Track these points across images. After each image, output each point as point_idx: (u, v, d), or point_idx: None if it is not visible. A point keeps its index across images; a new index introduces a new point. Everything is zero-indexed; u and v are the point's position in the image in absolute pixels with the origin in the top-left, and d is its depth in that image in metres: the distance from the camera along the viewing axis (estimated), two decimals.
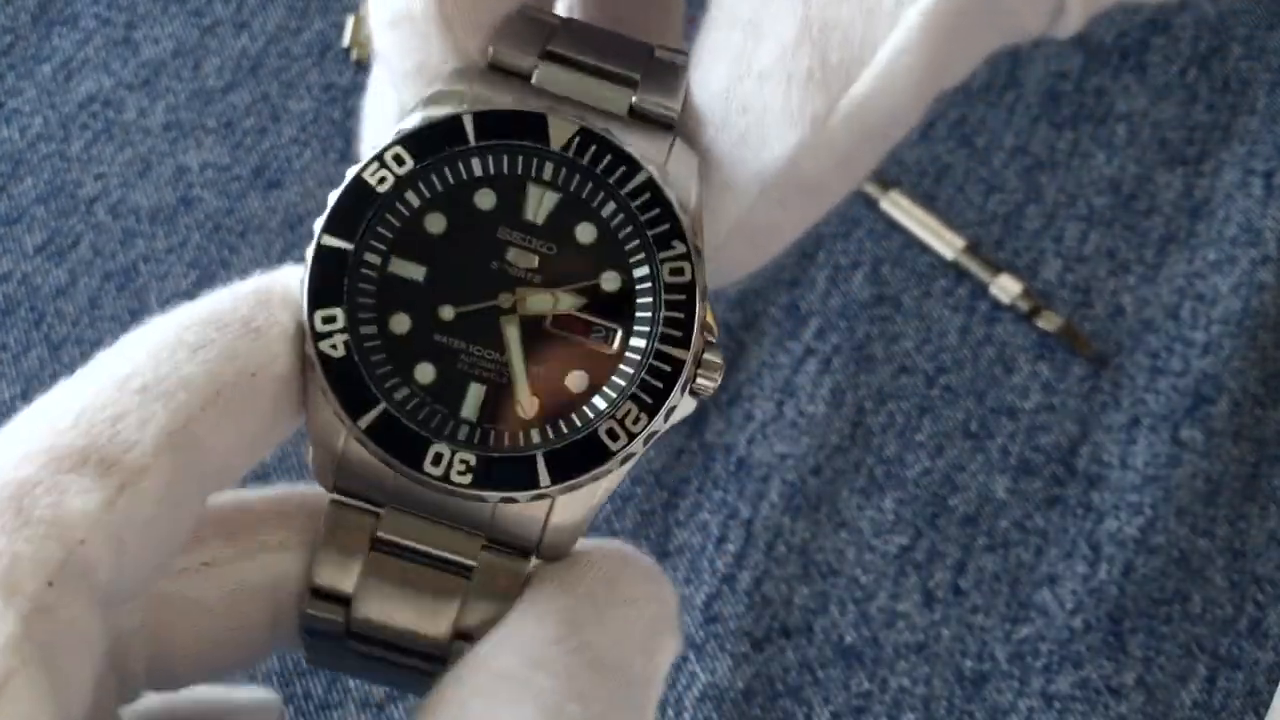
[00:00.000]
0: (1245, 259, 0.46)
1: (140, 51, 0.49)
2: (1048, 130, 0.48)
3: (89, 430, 0.19)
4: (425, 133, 0.22)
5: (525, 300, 0.22)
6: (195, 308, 0.21)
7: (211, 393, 0.20)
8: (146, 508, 0.19)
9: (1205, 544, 0.42)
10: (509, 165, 0.22)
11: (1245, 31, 0.50)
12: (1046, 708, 0.40)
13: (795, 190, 0.23)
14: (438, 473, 0.21)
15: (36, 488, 0.19)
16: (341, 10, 0.50)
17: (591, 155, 0.22)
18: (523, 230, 0.22)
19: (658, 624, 0.22)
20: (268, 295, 0.21)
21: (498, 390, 0.22)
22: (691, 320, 0.22)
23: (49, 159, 0.48)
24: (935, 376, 0.45)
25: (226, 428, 0.20)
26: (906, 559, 0.42)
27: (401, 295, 0.22)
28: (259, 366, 0.21)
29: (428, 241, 0.22)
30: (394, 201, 0.22)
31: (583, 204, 0.22)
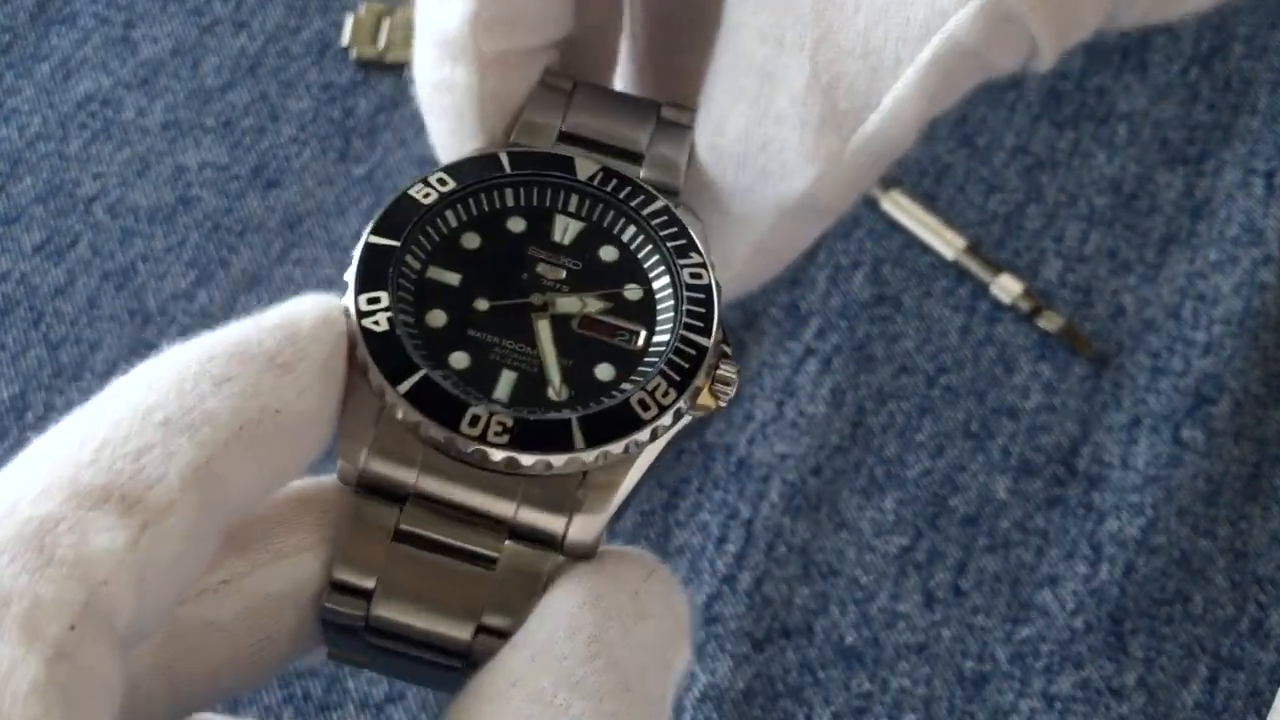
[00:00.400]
0: (1247, 259, 0.46)
1: (139, 51, 0.49)
2: (1048, 130, 0.48)
3: (111, 465, 0.19)
4: (466, 162, 0.25)
5: (555, 301, 0.24)
6: (219, 338, 0.21)
7: (235, 428, 0.20)
8: (170, 546, 0.19)
9: (1207, 544, 0.42)
10: (539, 197, 0.25)
11: (1247, 31, 0.50)
12: (1048, 708, 0.40)
13: (809, 211, 0.26)
14: (475, 433, 0.21)
15: (59, 525, 0.18)
16: (341, 9, 0.50)
17: (614, 186, 0.25)
18: (550, 249, 0.25)
19: (675, 636, 0.22)
20: (295, 328, 0.21)
21: (530, 377, 0.23)
22: (712, 314, 0.24)
23: (47, 158, 0.47)
24: (936, 376, 0.44)
25: (248, 464, 0.20)
26: (907, 559, 0.42)
27: (438, 295, 0.24)
28: (284, 403, 0.20)
29: (464, 254, 0.24)
30: (435, 216, 0.24)
31: (605, 230, 0.25)
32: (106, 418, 0.20)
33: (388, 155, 0.48)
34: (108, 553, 0.18)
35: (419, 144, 0.48)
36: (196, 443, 0.19)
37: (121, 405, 0.20)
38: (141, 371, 0.21)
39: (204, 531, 0.19)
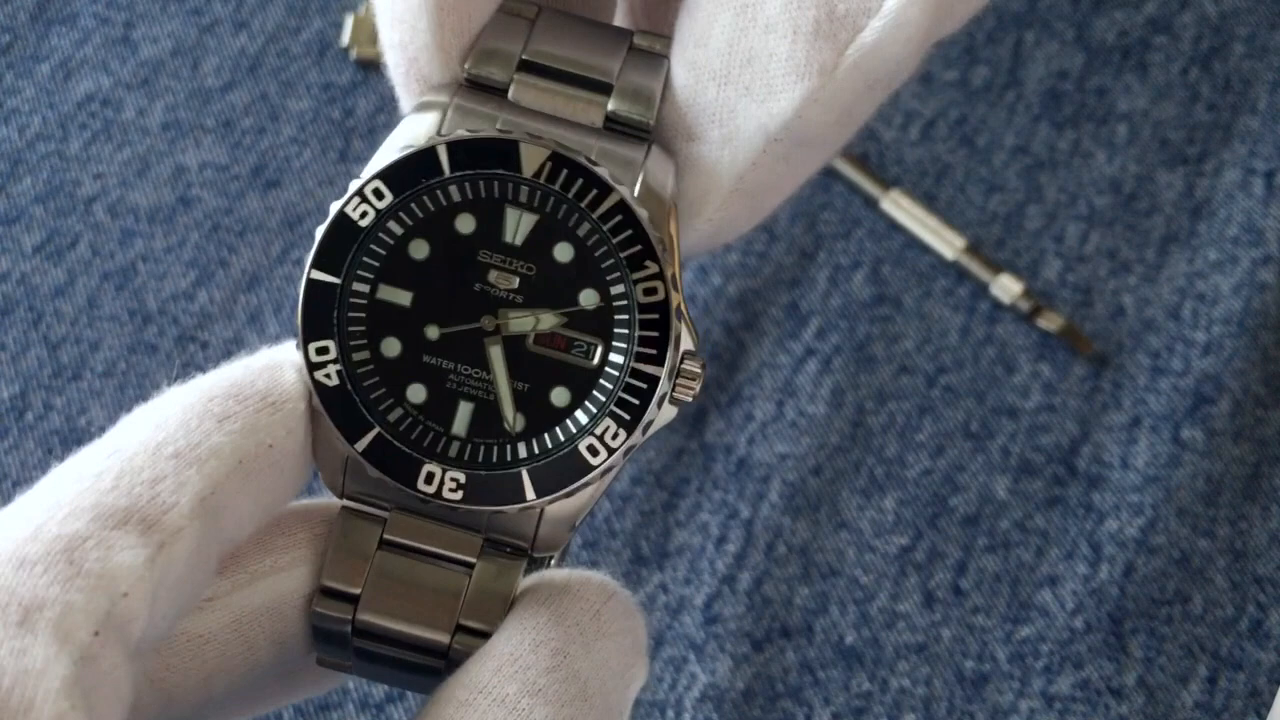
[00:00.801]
0: (1246, 259, 0.46)
1: (139, 51, 0.49)
2: (1048, 130, 0.48)
3: (131, 491, 0.20)
4: (402, 166, 0.23)
5: (507, 322, 0.23)
6: (217, 379, 0.23)
7: (235, 462, 0.21)
8: (179, 566, 0.20)
9: (1206, 544, 0.42)
10: (485, 190, 0.23)
11: (1247, 31, 0.50)
12: (1047, 708, 0.40)
13: (797, 144, 0.24)
14: (430, 490, 0.23)
15: (86, 542, 0.19)
16: (341, 9, 0.50)
17: (564, 180, 0.23)
18: (503, 252, 0.23)
19: (632, 654, 0.23)
20: (280, 371, 0.23)
21: (486, 407, 0.23)
22: (666, 338, 0.23)
23: (47, 158, 0.47)
24: (936, 376, 0.44)
25: (245, 495, 0.22)
26: (907, 559, 0.42)
27: (390, 320, 0.23)
28: (276, 439, 0.22)
29: (412, 267, 0.23)
30: (377, 233, 0.23)
31: (559, 224, 0.23)
32: (122, 452, 0.21)
33: None
34: (129, 568, 0.19)
35: None
36: (204, 474, 0.21)
37: (134, 441, 0.21)
38: (148, 410, 0.22)
39: (207, 555, 0.21)
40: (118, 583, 0.19)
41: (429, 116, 0.24)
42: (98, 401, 0.43)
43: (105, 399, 0.43)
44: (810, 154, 0.24)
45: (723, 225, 0.25)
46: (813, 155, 0.24)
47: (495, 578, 0.23)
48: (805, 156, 0.24)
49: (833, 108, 0.23)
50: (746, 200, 0.25)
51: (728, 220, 0.25)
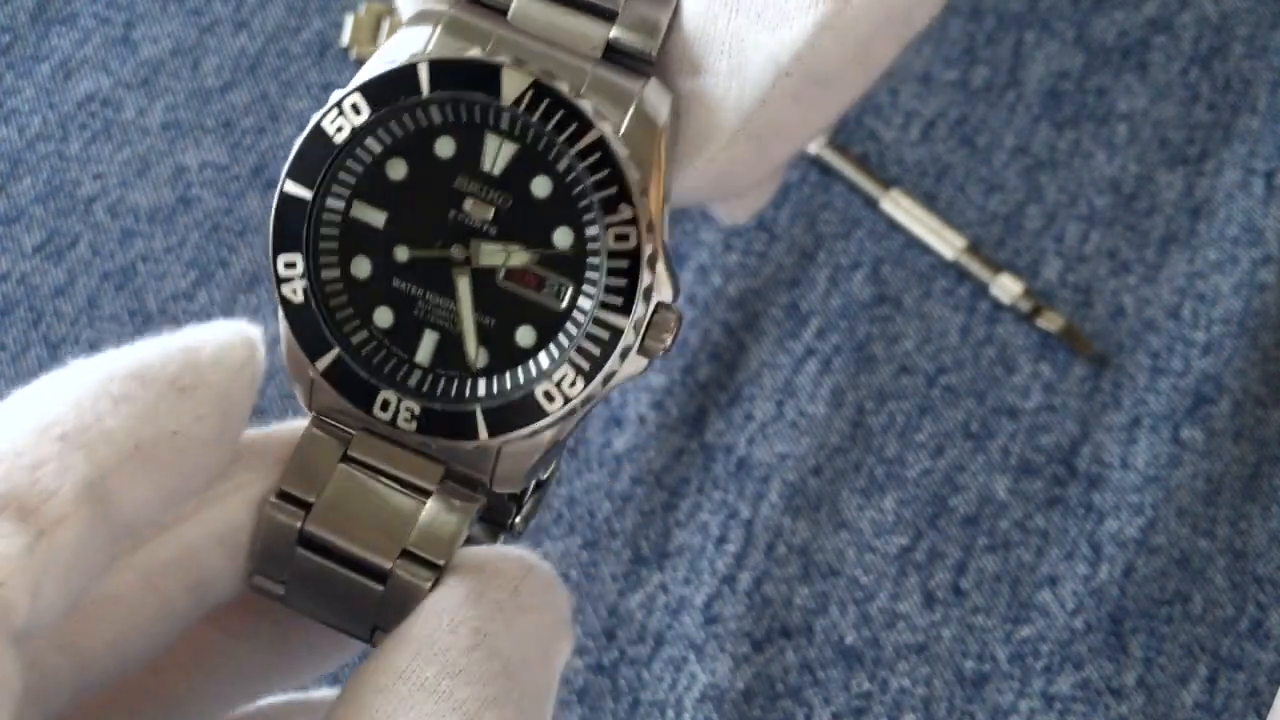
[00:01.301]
0: (1246, 259, 0.46)
1: (139, 51, 0.49)
2: (1048, 130, 0.48)
3: (9, 476, 0.19)
4: (381, 82, 0.22)
5: (478, 253, 0.22)
6: (122, 358, 0.21)
7: (130, 447, 0.20)
8: (63, 555, 0.19)
9: (1206, 544, 0.42)
10: (466, 114, 0.22)
11: (1247, 31, 0.50)
12: (1047, 708, 0.40)
13: (810, 82, 0.22)
14: (385, 417, 0.22)
15: None
16: (341, 9, 0.50)
17: (544, 111, 0.22)
18: (480, 180, 0.22)
19: (555, 629, 0.23)
20: (196, 354, 0.22)
21: (450, 338, 0.23)
22: (634, 288, 0.22)
23: (47, 158, 0.47)
24: (936, 376, 0.44)
25: (142, 483, 0.20)
26: (907, 559, 0.42)
27: (363, 240, 0.22)
28: (181, 426, 0.21)
29: (389, 187, 0.23)
30: (353, 148, 0.22)
31: (539, 156, 0.22)
32: (5, 432, 0.20)
33: None
34: (4, 558, 0.18)
35: None
36: (92, 459, 0.20)
37: (21, 419, 0.20)
38: (43, 385, 0.21)
39: (97, 543, 0.20)
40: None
41: (421, 30, 0.23)
42: None
43: None
44: (824, 95, 0.23)
45: (727, 171, 0.24)
46: (827, 98, 0.23)
47: (448, 511, 0.23)
48: (818, 98, 0.23)
49: (849, 38, 0.21)
50: (753, 144, 0.23)
51: (732, 165, 0.23)
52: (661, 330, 0.22)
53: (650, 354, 0.22)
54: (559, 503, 0.42)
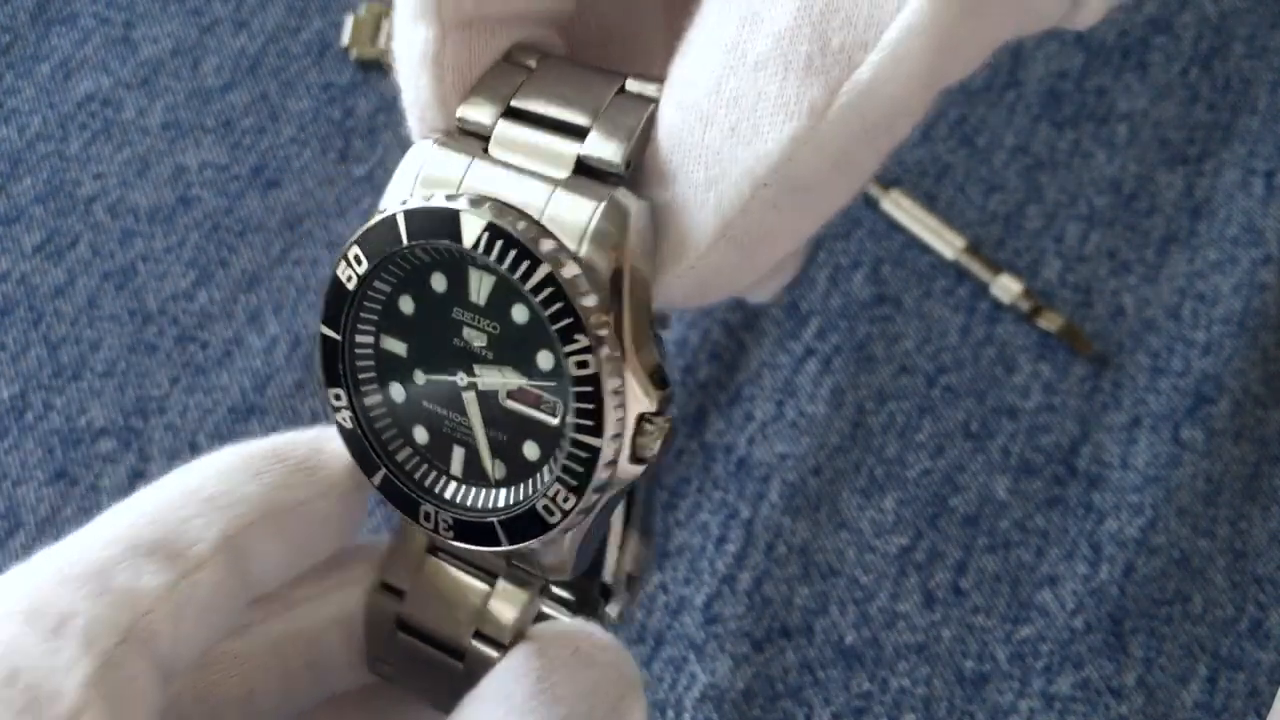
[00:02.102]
0: (1246, 259, 0.46)
1: (139, 50, 0.49)
2: (1048, 130, 0.48)
3: (163, 527, 0.24)
4: (371, 234, 0.24)
5: (479, 379, 0.25)
6: (264, 442, 0.26)
7: (264, 511, 0.24)
8: (202, 595, 0.23)
9: (1206, 544, 0.42)
10: (446, 252, 0.24)
11: (1247, 31, 0.50)
12: (1047, 708, 0.40)
13: (789, 190, 0.22)
14: (430, 526, 0.25)
15: (118, 565, 0.23)
16: (340, 9, 0.50)
17: (499, 251, 0.23)
18: (471, 310, 0.24)
19: (620, 684, 0.25)
20: (322, 444, 0.26)
21: (473, 453, 0.25)
22: (602, 408, 0.23)
23: (47, 158, 0.47)
24: (936, 376, 0.44)
25: (272, 544, 0.24)
26: (907, 559, 0.42)
27: (393, 368, 0.25)
28: (307, 498, 0.25)
29: (404, 320, 0.25)
30: (366, 291, 0.25)
31: (514, 286, 0.23)
32: (163, 495, 0.24)
33: (388, 155, 0.48)
34: (152, 589, 0.23)
35: None
36: (230, 517, 0.24)
37: (176, 486, 0.25)
38: (196, 463, 0.25)
39: (230, 590, 0.24)
40: (141, 601, 0.22)
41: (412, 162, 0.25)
42: (98, 401, 0.43)
43: (105, 399, 0.43)
44: (807, 201, 0.22)
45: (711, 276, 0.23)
46: (810, 203, 0.22)
47: (507, 598, 0.26)
48: (801, 204, 0.22)
49: (825, 151, 0.21)
50: (736, 250, 0.23)
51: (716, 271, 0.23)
52: (649, 440, 0.23)
53: (643, 461, 0.23)
54: None
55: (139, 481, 0.42)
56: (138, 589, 0.23)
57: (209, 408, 0.43)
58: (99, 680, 0.21)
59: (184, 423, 0.43)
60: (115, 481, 0.42)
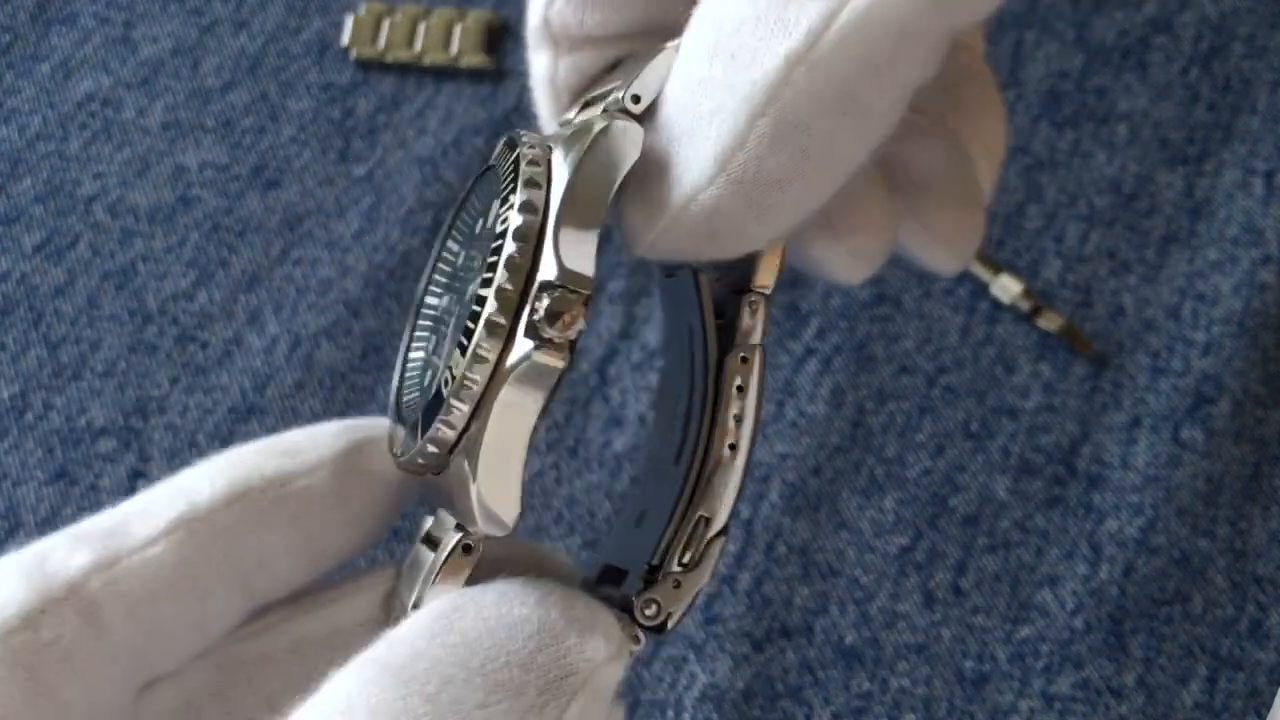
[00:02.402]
0: (1246, 259, 0.46)
1: (139, 50, 0.49)
2: (1048, 130, 0.48)
3: (120, 516, 0.24)
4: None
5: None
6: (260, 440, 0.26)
7: (235, 493, 0.24)
8: (157, 570, 0.23)
9: (1206, 544, 0.42)
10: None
11: (1247, 31, 0.50)
12: (1047, 708, 0.40)
13: (787, 126, 0.21)
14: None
15: (56, 550, 0.23)
16: (341, 9, 0.50)
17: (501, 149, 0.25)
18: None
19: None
20: (322, 430, 0.25)
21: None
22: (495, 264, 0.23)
23: (47, 158, 0.47)
24: (936, 376, 0.44)
25: (253, 526, 0.24)
26: (907, 559, 0.42)
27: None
28: (286, 479, 0.24)
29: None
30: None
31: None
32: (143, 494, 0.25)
33: (388, 155, 0.48)
34: (91, 563, 0.23)
35: (419, 144, 0.48)
36: (191, 500, 0.24)
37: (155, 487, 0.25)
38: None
39: (206, 572, 0.24)
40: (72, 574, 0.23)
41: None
42: (98, 401, 0.43)
43: (105, 399, 0.43)
44: (809, 144, 0.22)
45: (717, 221, 0.23)
46: (814, 148, 0.22)
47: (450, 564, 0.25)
48: (803, 146, 0.22)
49: (824, 78, 0.21)
50: (737, 190, 0.22)
51: (720, 214, 0.23)
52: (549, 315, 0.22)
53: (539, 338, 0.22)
54: (559, 503, 0.42)
55: (139, 481, 0.42)
56: (71, 562, 0.23)
57: (209, 408, 0.43)
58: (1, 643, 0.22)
59: (184, 423, 0.43)
60: (115, 481, 0.42)
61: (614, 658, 0.22)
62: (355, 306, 0.45)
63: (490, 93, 0.49)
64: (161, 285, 0.45)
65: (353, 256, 0.46)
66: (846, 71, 0.21)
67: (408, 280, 0.46)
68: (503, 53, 0.50)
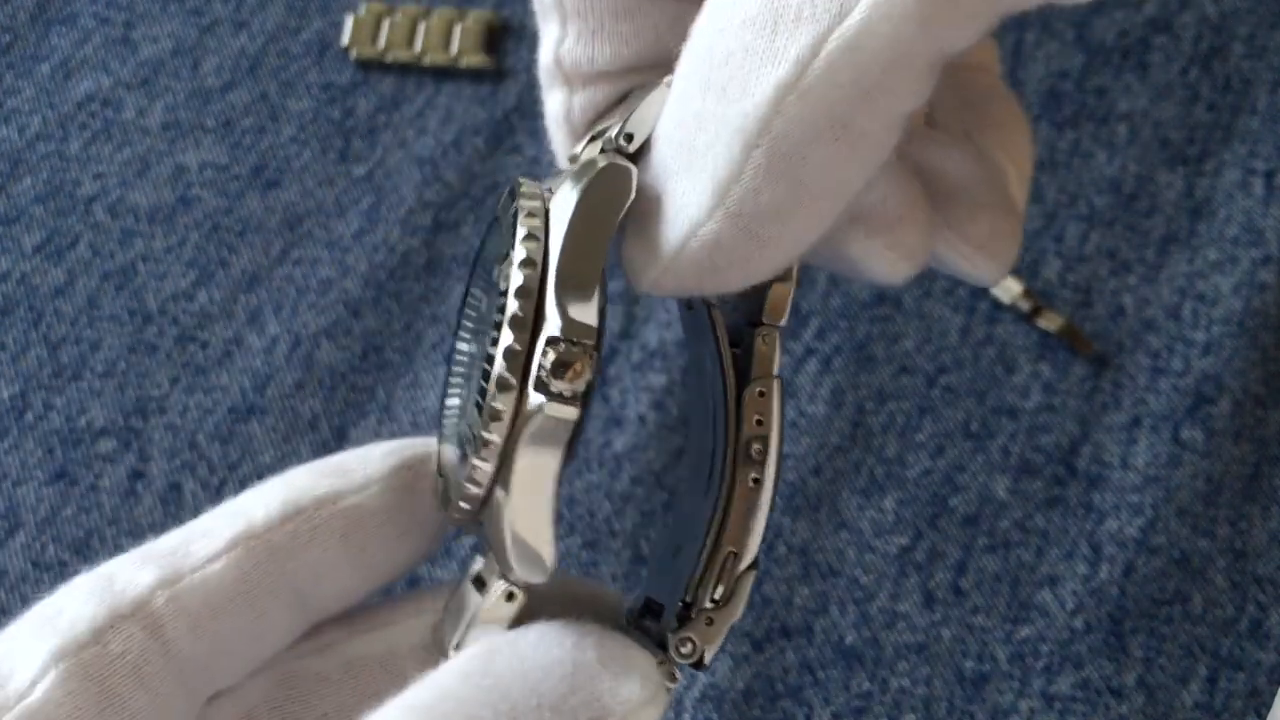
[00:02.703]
0: (1246, 259, 0.46)
1: (139, 51, 0.49)
2: (1048, 130, 0.48)
3: (182, 537, 0.25)
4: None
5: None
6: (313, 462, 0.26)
7: (288, 513, 0.25)
8: (218, 587, 0.24)
9: (1206, 544, 0.42)
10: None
11: (1247, 30, 0.50)
12: (1047, 708, 0.40)
13: (784, 156, 0.21)
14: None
15: (122, 569, 0.24)
16: (341, 9, 0.50)
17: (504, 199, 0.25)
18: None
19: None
20: (372, 451, 0.26)
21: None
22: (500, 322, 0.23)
23: (47, 158, 0.47)
24: (936, 376, 0.44)
25: (307, 543, 0.25)
26: (907, 559, 0.42)
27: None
28: (337, 497, 0.25)
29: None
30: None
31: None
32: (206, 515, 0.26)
33: (388, 155, 0.48)
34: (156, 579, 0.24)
35: (419, 144, 0.48)
36: (249, 520, 0.25)
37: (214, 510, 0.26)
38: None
39: (262, 589, 0.24)
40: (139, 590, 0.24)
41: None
42: (98, 401, 0.43)
43: (105, 399, 0.43)
44: (807, 173, 0.21)
45: (718, 256, 0.23)
46: (811, 176, 0.21)
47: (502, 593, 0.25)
48: (800, 175, 0.21)
49: (815, 105, 0.21)
50: (739, 225, 0.22)
51: (721, 249, 0.22)
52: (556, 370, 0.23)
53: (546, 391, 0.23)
54: (559, 503, 0.42)
55: (139, 481, 0.42)
56: (137, 579, 0.24)
57: (209, 408, 0.43)
58: (73, 655, 0.23)
59: (184, 423, 0.43)
60: (115, 481, 0.42)
61: (650, 701, 0.22)
62: (355, 306, 0.45)
63: (490, 93, 0.49)
64: (161, 285, 0.45)
65: (353, 256, 0.46)
66: (837, 98, 0.21)
67: (408, 280, 0.46)
68: (503, 53, 0.50)
